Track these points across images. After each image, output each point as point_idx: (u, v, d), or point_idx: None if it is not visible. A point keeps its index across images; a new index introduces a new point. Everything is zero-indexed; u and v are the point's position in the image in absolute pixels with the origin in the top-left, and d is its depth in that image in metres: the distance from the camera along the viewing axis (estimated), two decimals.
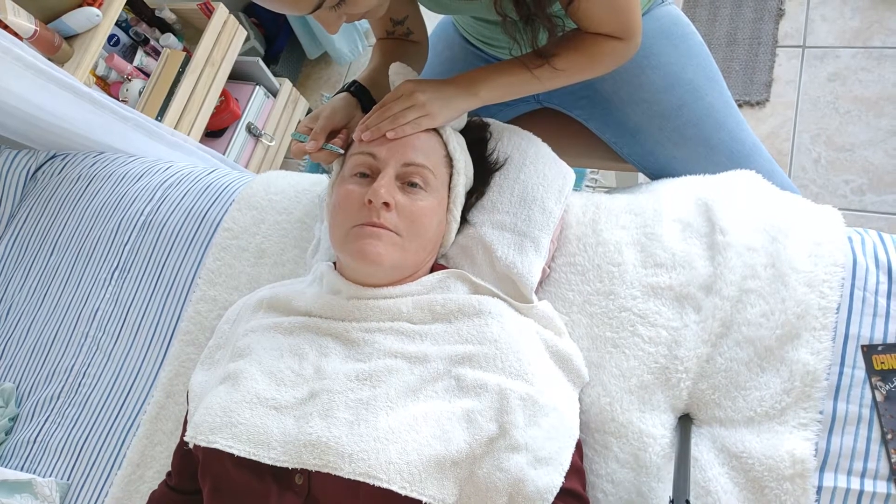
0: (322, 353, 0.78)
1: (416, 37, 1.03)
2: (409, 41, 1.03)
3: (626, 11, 0.83)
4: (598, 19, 0.84)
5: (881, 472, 0.76)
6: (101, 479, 1.04)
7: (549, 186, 0.93)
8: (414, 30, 1.02)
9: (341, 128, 0.90)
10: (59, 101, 1.29)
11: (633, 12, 0.84)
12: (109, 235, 1.23)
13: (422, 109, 0.82)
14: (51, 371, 1.15)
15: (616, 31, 0.85)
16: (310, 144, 0.85)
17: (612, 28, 0.85)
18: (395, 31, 1.01)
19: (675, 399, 0.83)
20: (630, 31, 0.86)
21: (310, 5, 0.69)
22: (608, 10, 0.82)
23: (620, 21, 0.84)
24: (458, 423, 0.70)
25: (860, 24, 1.86)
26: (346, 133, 0.89)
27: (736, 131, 1.05)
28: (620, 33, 0.86)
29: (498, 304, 0.82)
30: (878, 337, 0.81)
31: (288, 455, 0.69)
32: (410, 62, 0.92)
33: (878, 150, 1.71)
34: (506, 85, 0.88)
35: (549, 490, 0.68)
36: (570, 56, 0.87)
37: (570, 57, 0.87)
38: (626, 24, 0.85)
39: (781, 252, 0.85)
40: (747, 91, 1.88)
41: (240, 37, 2.00)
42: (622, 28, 0.85)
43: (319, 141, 0.86)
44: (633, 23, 0.85)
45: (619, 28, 0.85)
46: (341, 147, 0.87)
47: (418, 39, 1.04)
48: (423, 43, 1.05)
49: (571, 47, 0.87)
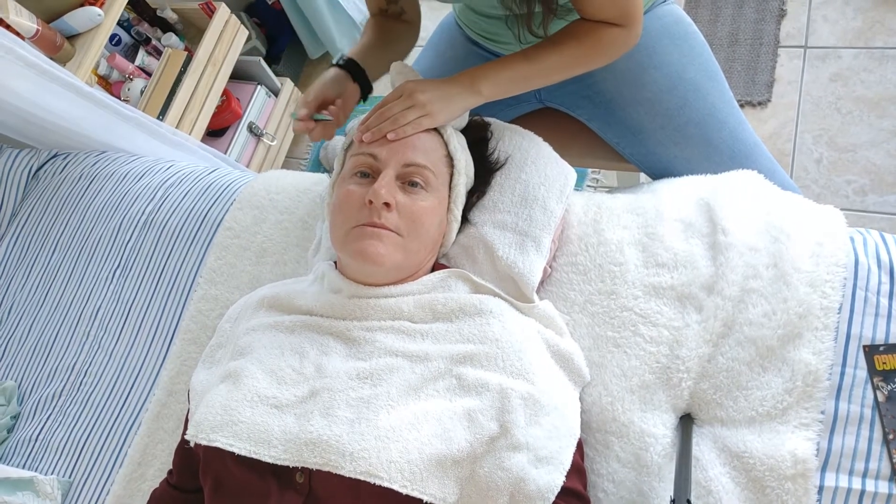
0: (323, 351, 0.78)
1: (408, 17, 1.04)
2: (402, 20, 1.04)
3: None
4: (598, 4, 0.84)
5: (883, 472, 0.76)
6: (103, 477, 1.04)
7: (550, 186, 0.93)
8: (407, 9, 1.03)
9: (332, 100, 0.91)
10: (61, 100, 1.29)
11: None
12: (111, 235, 1.23)
13: (422, 109, 0.82)
14: (52, 369, 1.15)
15: (616, 16, 0.85)
16: (301, 113, 0.87)
17: (612, 13, 0.85)
18: (389, 9, 1.02)
19: (676, 399, 0.83)
20: (630, 17, 0.85)
21: None
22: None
23: (620, 5, 0.84)
24: (459, 422, 0.70)
25: (862, 25, 1.86)
26: (339, 104, 0.90)
27: (738, 131, 1.05)
28: (620, 19, 0.85)
29: (499, 303, 0.82)
30: (879, 337, 0.81)
31: (289, 453, 0.69)
32: (401, 41, 0.92)
33: (880, 150, 1.71)
34: (508, 80, 0.88)
35: (550, 489, 0.68)
36: (570, 45, 0.87)
37: (571, 45, 0.87)
38: (626, 8, 0.84)
39: (783, 252, 0.84)
40: (749, 91, 1.88)
41: (241, 36, 2.00)
42: (622, 13, 0.85)
43: (311, 110, 0.87)
44: (633, 8, 0.85)
45: (619, 13, 0.84)
46: (331, 115, 0.88)
47: (410, 20, 1.04)
48: (414, 23, 1.05)
49: (572, 36, 0.87)
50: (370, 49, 0.97)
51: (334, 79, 0.92)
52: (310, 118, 0.87)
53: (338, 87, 0.91)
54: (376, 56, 0.95)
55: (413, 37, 1.06)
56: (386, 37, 0.91)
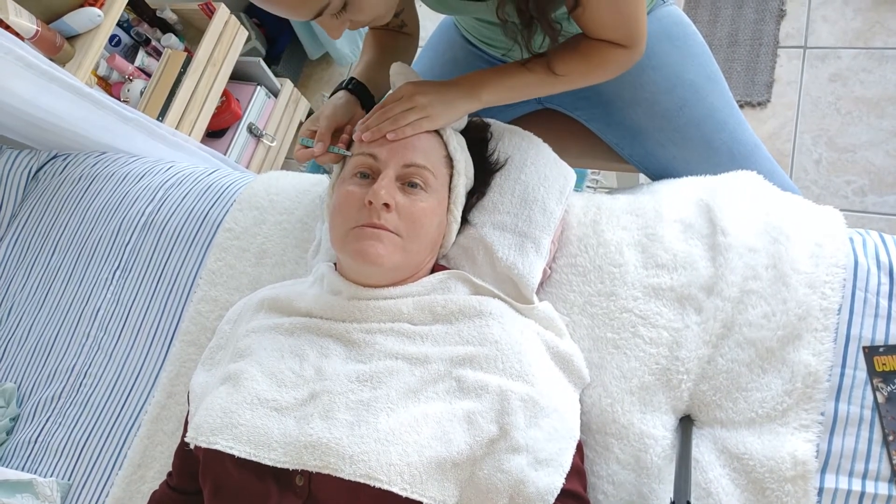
0: (323, 354, 0.78)
1: (408, 29, 1.04)
2: (402, 33, 1.03)
3: (633, 19, 0.83)
4: (604, 25, 0.83)
5: (882, 473, 0.76)
6: (102, 480, 1.04)
7: (549, 187, 0.93)
8: (408, 22, 1.03)
9: (344, 125, 0.90)
10: (61, 101, 1.29)
11: (640, 21, 0.84)
12: (111, 236, 1.23)
13: (422, 111, 0.82)
14: (52, 371, 1.15)
15: (621, 38, 0.85)
16: (317, 147, 0.86)
17: (617, 35, 0.85)
18: (390, 22, 1.02)
19: (676, 400, 0.83)
20: (635, 40, 0.85)
21: (310, 12, 0.69)
22: (614, 17, 0.82)
23: (626, 28, 0.84)
24: (458, 425, 0.70)
25: (861, 25, 1.86)
26: (349, 131, 0.89)
27: (737, 132, 1.05)
28: (625, 41, 0.85)
29: (499, 304, 0.82)
30: (879, 338, 0.81)
31: (288, 456, 0.69)
32: (401, 54, 0.92)
33: (880, 150, 1.71)
34: (508, 88, 0.88)
35: (550, 491, 0.68)
36: (573, 61, 0.87)
37: (574, 62, 0.87)
38: (632, 32, 0.84)
39: (783, 253, 0.84)
40: (748, 92, 1.88)
41: (241, 37, 2.00)
42: (627, 36, 0.85)
43: (326, 143, 0.86)
44: (638, 31, 0.85)
45: (624, 35, 0.85)
46: (346, 148, 0.87)
47: (411, 32, 1.04)
48: (414, 35, 1.05)
49: (575, 53, 0.87)
50: (373, 66, 0.97)
51: (345, 105, 0.91)
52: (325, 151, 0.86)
53: (347, 114, 0.91)
54: (380, 73, 0.95)
55: (413, 48, 1.06)
56: (387, 51, 0.91)
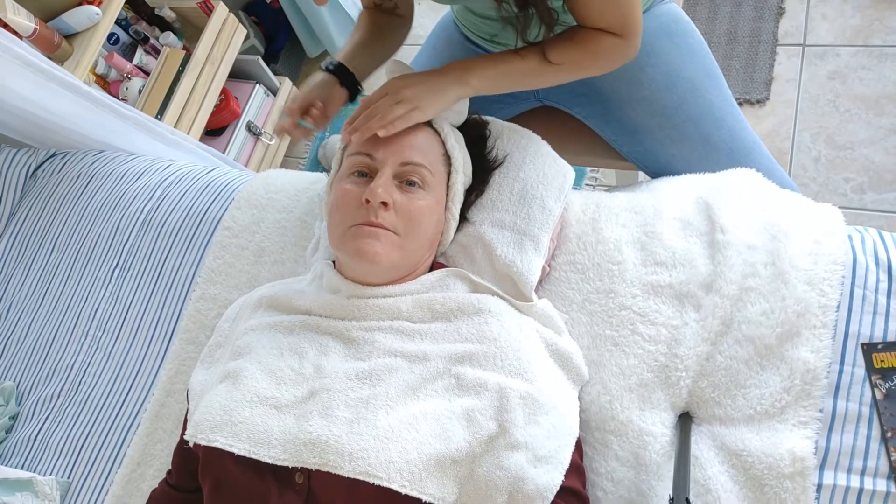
0: (322, 351, 0.78)
1: (401, 11, 1.04)
2: (395, 15, 1.03)
3: (625, 5, 0.82)
4: (597, 10, 0.83)
5: (881, 470, 0.76)
6: (102, 478, 1.04)
7: (548, 185, 0.93)
8: (401, 4, 1.02)
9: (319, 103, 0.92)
10: (59, 99, 1.29)
11: (633, 8, 0.83)
12: (109, 234, 1.23)
13: (411, 103, 0.82)
14: (51, 369, 1.15)
15: (614, 25, 0.84)
16: (287, 122, 0.89)
17: (610, 22, 0.84)
18: (384, 3, 1.02)
19: (674, 397, 0.83)
20: (629, 28, 0.85)
21: None
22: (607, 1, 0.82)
23: (619, 14, 0.83)
24: (457, 422, 0.70)
25: (860, 23, 1.86)
26: (319, 108, 0.91)
27: (736, 129, 1.05)
28: (619, 29, 0.85)
29: (498, 302, 0.82)
30: (877, 335, 0.81)
31: (288, 454, 0.69)
32: (392, 36, 0.93)
33: (879, 148, 1.71)
34: (499, 75, 0.87)
35: (549, 488, 0.68)
36: (567, 49, 0.86)
37: (568, 50, 0.86)
38: (625, 18, 0.84)
39: (782, 250, 0.84)
40: (747, 89, 1.88)
41: (239, 35, 1.99)
42: (621, 23, 0.84)
43: (293, 117, 0.89)
44: (632, 19, 0.84)
45: (617, 22, 0.84)
46: (312, 123, 0.90)
47: (404, 13, 1.04)
48: (407, 17, 1.05)
49: (570, 41, 0.86)
50: (360, 48, 0.98)
51: (321, 84, 0.93)
52: (295, 125, 0.90)
53: (324, 92, 0.93)
54: (366, 54, 0.96)
55: (405, 31, 1.06)
56: (377, 32, 0.92)
